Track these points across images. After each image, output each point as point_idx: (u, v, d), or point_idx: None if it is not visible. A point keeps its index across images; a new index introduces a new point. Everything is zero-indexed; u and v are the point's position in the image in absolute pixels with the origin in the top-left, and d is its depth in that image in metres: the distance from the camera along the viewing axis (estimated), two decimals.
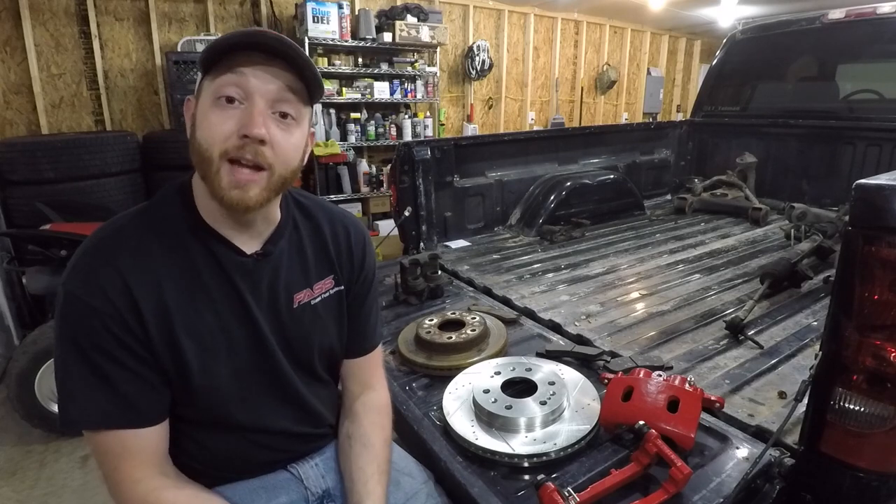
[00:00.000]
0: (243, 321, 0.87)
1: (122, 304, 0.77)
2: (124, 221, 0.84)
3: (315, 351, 0.97)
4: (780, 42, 3.31)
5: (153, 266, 0.80)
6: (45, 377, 2.39)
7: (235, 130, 0.76)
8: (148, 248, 0.81)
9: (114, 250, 0.79)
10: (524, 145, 2.92)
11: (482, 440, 1.05)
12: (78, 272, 0.78)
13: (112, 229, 0.82)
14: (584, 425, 1.07)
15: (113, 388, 0.77)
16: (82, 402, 0.77)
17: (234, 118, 0.77)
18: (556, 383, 1.17)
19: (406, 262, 1.86)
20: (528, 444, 1.03)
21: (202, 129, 0.78)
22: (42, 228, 2.64)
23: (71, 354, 0.77)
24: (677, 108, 8.31)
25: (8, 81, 3.68)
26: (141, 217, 0.84)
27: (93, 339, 0.76)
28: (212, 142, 0.77)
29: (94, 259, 0.79)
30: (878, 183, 0.82)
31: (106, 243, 0.80)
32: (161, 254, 0.81)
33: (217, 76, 0.78)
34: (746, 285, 1.95)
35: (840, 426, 0.90)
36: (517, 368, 1.22)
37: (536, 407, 1.09)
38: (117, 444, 0.78)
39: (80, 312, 0.76)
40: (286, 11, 4.61)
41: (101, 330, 0.76)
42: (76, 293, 0.76)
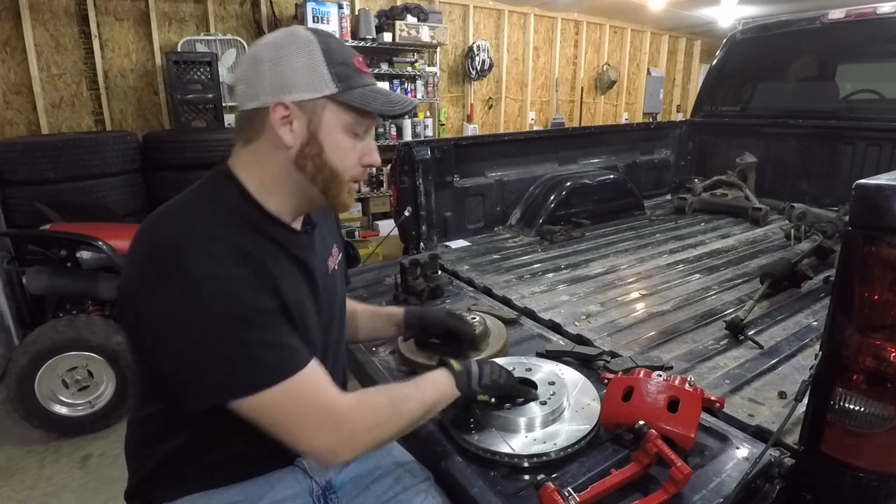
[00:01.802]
0: (313, 291, 0.95)
1: (253, 268, 0.81)
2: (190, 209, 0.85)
3: (344, 310, 1.12)
4: (780, 42, 3.31)
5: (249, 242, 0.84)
6: (45, 377, 2.39)
7: (358, 161, 0.92)
8: (227, 231, 0.83)
9: (207, 228, 0.81)
10: (524, 145, 2.92)
11: (482, 440, 1.04)
12: (194, 253, 0.77)
13: (188, 215, 0.84)
14: (584, 425, 1.07)
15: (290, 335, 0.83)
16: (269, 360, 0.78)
17: (358, 150, 0.91)
18: (556, 383, 1.16)
19: (406, 262, 1.86)
20: (528, 444, 1.03)
21: (336, 157, 0.88)
22: (42, 228, 2.64)
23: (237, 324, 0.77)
24: (677, 108, 8.31)
25: (8, 81, 3.68)
26: (205, 205, 0.86)
27: (250, 303, 0.79)
28: (345, 168, 0.90)
29: (198, 239, 0.79)
30: (878, 183, 0.82)
31: (194, 225, 0.81)
32: (238, 236, 0.83)
33: (356, 114, 0.88)
34: (746, 285, 1.95)
35: (840, 426, 0.90)
36: (517, 368, 1.22)
37: (536, 407, 1.09)
38: (314, 376, 0.81)
39: (228, 285, 0.77)
40: (286, 11, 4.61)
41: (252, 293, 0.79)
42: (208, 270, 0.77)
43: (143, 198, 3.61)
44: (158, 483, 0.92)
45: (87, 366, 2.48)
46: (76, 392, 2.49)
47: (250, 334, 0.78)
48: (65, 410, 2.47)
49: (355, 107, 0.87)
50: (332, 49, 0.86)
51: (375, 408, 0.86)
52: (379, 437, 0.86)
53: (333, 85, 0.85)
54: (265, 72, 0.84)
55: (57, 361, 2.41)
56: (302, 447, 0.81)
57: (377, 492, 1.01)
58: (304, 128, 0.85)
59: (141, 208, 3.57)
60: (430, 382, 0.96)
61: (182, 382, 0.79)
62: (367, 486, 1.02)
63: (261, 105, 0.85)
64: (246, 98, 0.87)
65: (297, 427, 0.80)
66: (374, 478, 1.03)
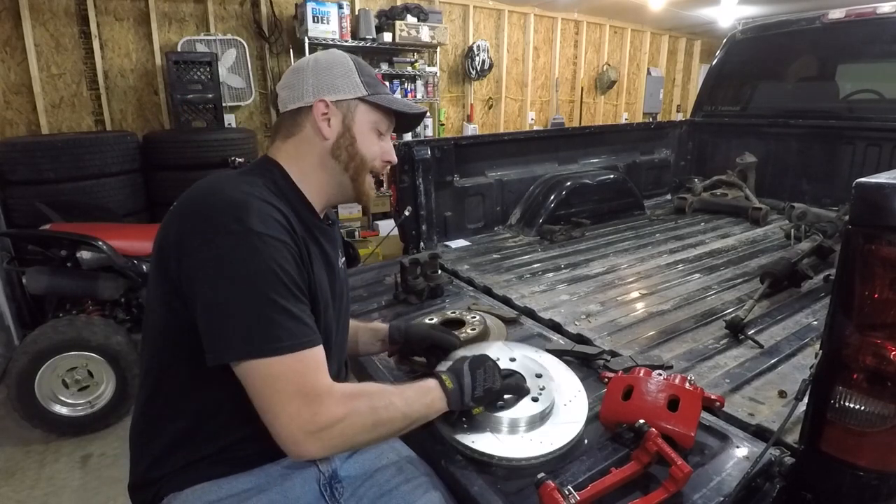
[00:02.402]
0: (331, 281, 1.04)
1: (298, 242, 0.91)
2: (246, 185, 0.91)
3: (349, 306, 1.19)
4: (780, 42, 3.31)
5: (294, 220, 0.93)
6: (45, 377, 2.39)
7: (380, 155, 1.07)
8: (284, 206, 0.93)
9: (265, 201, 0.89)
10: (524, 145, 2.92)
11: (477, 442, 1.02)
12: (256, 217, 0.85)
13: (248, 188, 0.90)
14: (577, 420, 1.07)
15: (307, 314, 0.88)
16: (289, 328, 0.83)
17: (380, 145, 1.07)
18: (542, 375, 1.15)
19: (406, 261, 1.86)
20: (525, 445, 1.01)
21: (366, 148, 1.04)
22: (42, 228, 2.64)
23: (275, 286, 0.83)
24: (677, 108, 8.31)
25: (8, 81, 3.68)
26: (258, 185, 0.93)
27: (291, 272, 0.86)
28: (372, 159, 1.06)
29: (260, 208, 0.87)
30: (878, 182, 0.82)
31: (254, 197, 0.88)
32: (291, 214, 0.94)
33: (382, 114, 1.06)
34: (746, 285, 1.95)
35: (840, 425, 0.90)
36: (501, 359, 1.17)
37: (530, 405, 1.07)
38: (313, 359, 0.85)
39: (279, 249, 0.85)
40: (286, 11, 4.62)
41: (295, 263, 0.88)
42: (267, 233, 0.84)
43: (143, 198, 3.61)
44: (165, 472, 0.92)
45: (87, 366, 2.48)
46: (76, 392, 2.49)
47: (281, 301, 0.83)
48: (65, 410, 2.47)
49: (382, 106, 1.05)
50: (361, 64, 1.06)
51: (355, 413, 0.85)
52: (349, 442, 0.87)
53: (364, 89, 1.03)
54: (308, 77, 1.01)
55: (57, 361, 2.41)
56: (274, 426, 0.81)
57: (380, 481, 1.02)
58: (339, 122, 1.02)
59: (141, 208, 3.57)
60: (421, 395, 0.96)
61: (207, 332, 0.83)
62: (371, 476, 1.03)
63: (304, 104, 1.00)
64: (290, 100, 1.02)
65: (278, 400, 0.81)
66: (378, 468, 1.04)
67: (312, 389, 0.82)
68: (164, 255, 0.88)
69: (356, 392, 0.88)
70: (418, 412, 0.94)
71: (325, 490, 0.98)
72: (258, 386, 0.81)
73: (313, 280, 0.93)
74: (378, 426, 0.88)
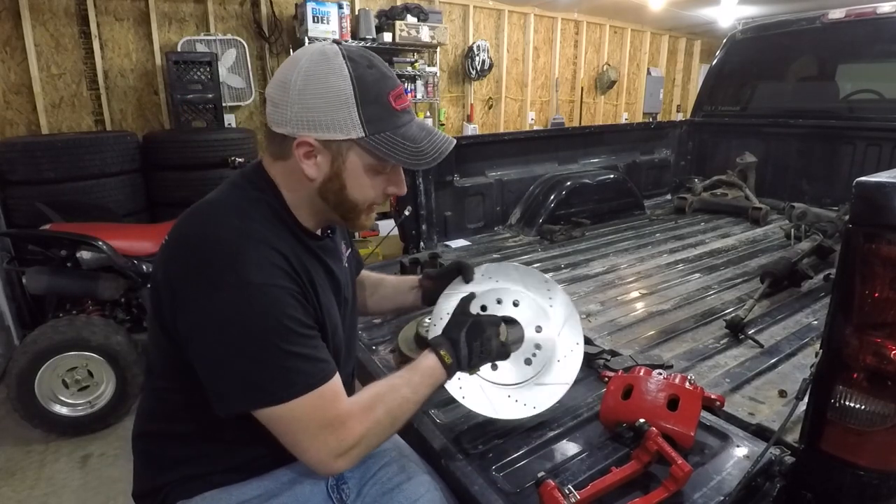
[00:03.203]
0: (337, 294, 0.99)
1: (298, 280, 0.85)
2: (242, 214, 0.85)
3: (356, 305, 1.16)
4: (780, 42, 3.30)
5: (294, 251, 0.87)
6: (45, 377, 2.39)
7: (382, 191, 0.94)
8: (278, 234, 0.87)
9: (261, 237, 0.83)
10: (524, 145, 2.92)
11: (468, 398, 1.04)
12: (248, 264, 0.79)
13: (245, 218, 0.84)
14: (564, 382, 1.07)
15: (322, 350, 0.85)
16: (302, 370, 0.80)
17: (383, 182, 0.93)
18: (542, 329, 1.10)
19: (406, 261, 1.86)
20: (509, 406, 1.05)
21: (358, 191, 0.90)
22: (42, 228, 2.64)
23: (283, 335, 0.79)
24: (677, 108, 8.31)
25: (8, 81, 3.68)
26: (255, 210, 0.87)
27: (296, 317, 0.81)
28: (366, 199, 0.92)
29: (253, 249, 0.81)
30: (878, 181, 0.82)
31: (249, 233, 0.83)
32: (290, 243, 0.88)
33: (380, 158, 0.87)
34: (746, 284, 1.95)
35: (841, 424, 0.90)
36: (504, 302, 1.13)
37: (521, 367, 1.07)
38: (330, 391, 0.83)
39: (281, 298, 0.80)
40: (286, 11, 4.61)
41: (300, 305, 0.83)
42: (261, 281, 0.79)
43: (143, 198, 3.61)
44: (173, 479, 0.92)
45: (87, 366, 2.48)
46: (76, 392, 2.49)
47: (291, 347, 0.80)
48: (65, 410, 2.47)
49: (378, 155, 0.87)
50: (366, 84, 0.83)
51: (375, 424, 0.86)
52: (374, 447, 0.89)
53: (360, 129, 0.84)
54: (293, 102, 0.83)
55: (57, 361, 2.40)
56: (304, 457, 0.83)
57: (383, 479, 1.02)
58: (327, 164, 0.87)
59: (141, 208, 3.57)
60: (426, 378, 0.96)
61: (215, 386, 0.81)
62: (374, 474, 1.03)
63: (287, 133, 0.85)
64: (274, 121, 0.87)
65: (305, 436, 0.81)
66: (380, 465, 1.04)
67: (336, 418, 0.82)
68: (157, 294, 0.85)
69: (372, 402, 0.88)
70: (425, 394, 0.95)
71: (332, 492, 0.98)
72: (282, 428, 0.81)
73: (320, 308, 0.90)
74: (396, 423, 0.90)
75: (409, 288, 1.29)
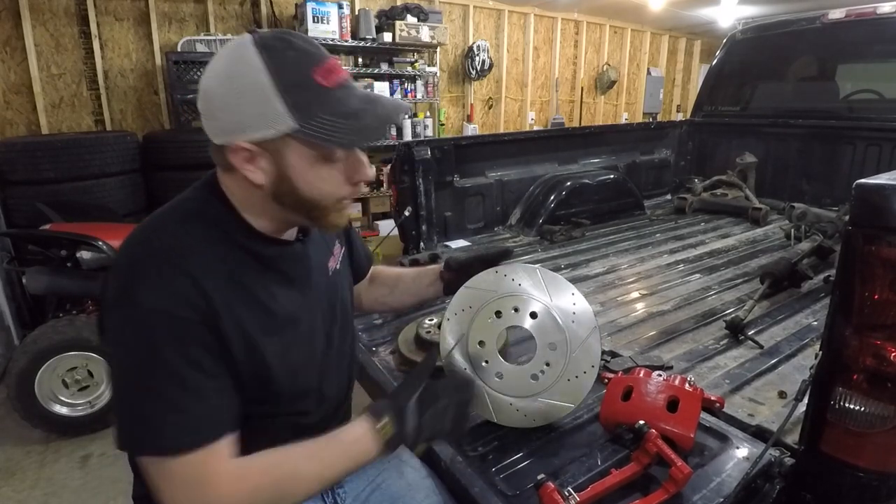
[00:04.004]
0: (306, 305, 0.91)
1: (205, 308, 0.74)
2: (174, 228, 0.80)
3: (349, 312, 1.07)
4: (780, 42, 3.30)
5: (220, 269, 0.78)
6: (45, 377, 2.39)
7: (345, 180, 0.82)
8: (210, 251, 0.78)
9: (179, 256, 0.75)
10: (524, 145, 2.92)
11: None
12: (151, 285, 0.72)
13: (166, 236, 0.78)
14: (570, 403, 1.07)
15: (210, 402, 0.74)
16: (174, 424, 0.72)
17: (340, 168, 0.81)
18: (557, 349, 1.05)
19: (406, 261, 1.86)
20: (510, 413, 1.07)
21: (310, 187, 0.79)
22: (42, 228, 2.64)
23: (163, 374, 0.71)
24: (677, 108, 8.31)
25: (8, 81, 3.68)
26: (191, 223, 0.81)
27: (185, 352, 0.72)
28: (327, 195, 0.81)
29: (163, 269, 0.73)
30: (878, 182, 0.82)
31: (167, 251, 0.76)
32: (222, 257, 0.79)
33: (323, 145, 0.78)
34: (746, 285, 1.95)
35: (840, 426, 0.90)
36: (521, 310, 1.07)
37: (527, 382, 1.06)
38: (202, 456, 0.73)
39: (168, 326, 0.71)
40: (286, 11, 4.61)
41: (193, 341, 0.73)
42: (158, 306, 0.71)
43: (143, 198, 3.61)
44: None
45: (87, 366, 2.49)
46: (76, 392, 2.49)
47: (168, 392, 0.71)
48: (65, 410, 2.47)
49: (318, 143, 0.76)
50: (284, 67, 0.74)
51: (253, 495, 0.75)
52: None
53: (290, 118, 0.73)
54: (217, 111, 0.76)
55: (57, 361, 2.40)
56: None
57: (381, 485, 1.01)
58: (270, 165, 0.77)
59: (141, 208, 3.57)
60: (343, 451, 0.81)
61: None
62: (372, 480, 1.02)
63: (224, 143, 0.77)
64: (211, 133, 0.79)
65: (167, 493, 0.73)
66: (378, 471, 1.03)
67: (203, 477, 0.72)
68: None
69: (254, 471, 0.76)
70: (340, 470, 0.81)
71: (326, 497, 0.98)
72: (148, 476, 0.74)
73: (252, 337, 0.79)
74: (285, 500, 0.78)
75: (430, 281, 1.24)
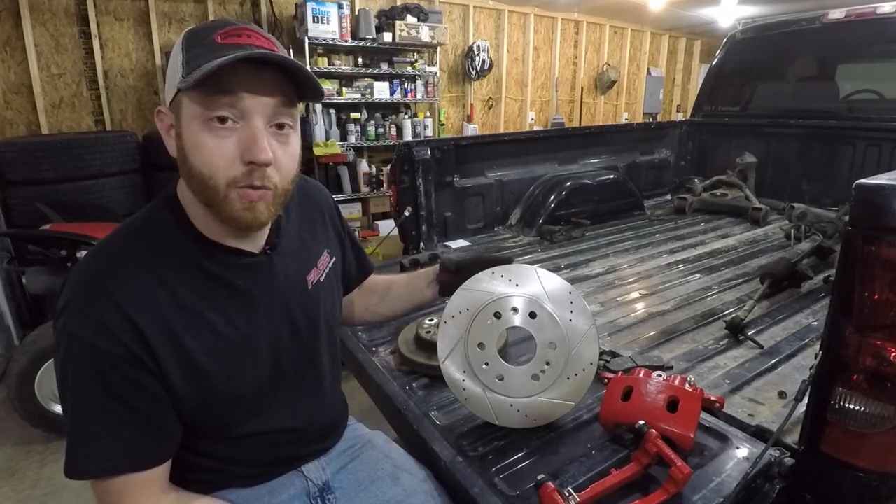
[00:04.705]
0: (266, 321, 0.87)
1: (133, 342, 0.72)
2: (115, 250, 0.79)
3: (332, 325, 1.02)
4: (780, 42, 3.31)
5: (157, 294, 0.76)
6: (45, 377, 2.39)
7: (237, 155, 0.73)
8: (147, 276, 0.76)
9: (111, 285, 0.73)
10: (524, 145, 2.92)
11: (470, 400, 1.06)
12: (79, 315, 0.72)
13: (104, 260, 0.77)
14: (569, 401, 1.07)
15: (123, 433, 0.74)
16: (91, 451, 0.74)
17: (231, 141, 0.72)
18: (557, 347, 1.05)
19: (406, 261, 1.86)
20: (509, 414, 1.06)
21: (198, 156, 0.73)
22: (42, 228, 2.64)
23: (82, 401, 0.73)
24: (677, 108, 8.31)
25: (8, 81, 3.68)
26: (135, 241, 0.79)
27: (103, 381, 0.72)
28: (214, 170, 0.73)
29: (91, 297, 0.73)
30: (878, 183, 0.82)
31: (101, 277, 0.75)
32: (164, 277, 0.77)
33: (204, 95, 0.71)
34: (746, 285, 1.95)
35: (840, 426, 0.90)
36: (520, 311, 1.06)
37: (527, 382, 1.06)
38: (121, 486, 0.75)
39: (88, 355, 0.72)
40: (286, 11, 4.61)
41: (112, 371, 0.72)
42: (80, 335, 0.71)
43: (143, 198, 3.61)
44: None
45: None
46: None
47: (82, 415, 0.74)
48: None
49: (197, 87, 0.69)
50: (195, 34, 0.74)
51: None
52: None
53: (181, 73, 0.71)
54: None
55: None
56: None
57: (376, 493, 0.99)
58: (177, 129, 0.75)
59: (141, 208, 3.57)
60: None
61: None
62: (366, 488, 1.00)
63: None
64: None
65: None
66: (373, 479, 1.01)
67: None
68: None
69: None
70: None
71: (315, 502, 0.96)
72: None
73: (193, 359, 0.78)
74: None
75: (425, 284, 1.21)
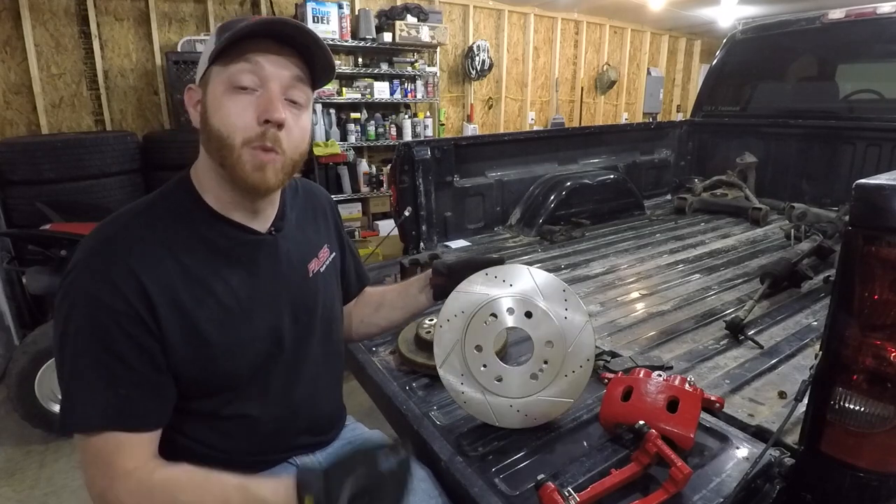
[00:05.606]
0: (268, 299, 0.90)
1: (138, 301, 0.76)
2: (128, 218, 0.83)
3: (332, 317, 1.04)
4: (780, 42, 3.31)
5: (166, 262, 0.80)
6: (45, 377, 2.39)
7: (255, 117, 0.80)
8: (158, 243, 0.81)
9: (123, 248, 0.78)
10: (524, 145, 2.92)
11: (469, 403, 1.07)
12: (88, 270, 0.76)
13: (118, 226, 0.82)
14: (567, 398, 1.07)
15: (119, 390, 0.75)
16: (85, 404, 0.75)
17: (251, 105, 0.80)
18: (555, 345, 1.05)
19: (406, 262, 1.86)
20: (508, 413, 1.06)
21: (219, 118, 0.80)
22: (42, 228, 2.64)
23: (81, 355, 0.75)
24: (677, 108, 8.31)
25: (8, 81, 3.68)
26: (148, 212, 0.85)
27: (106, 337, 0.75)
28: (232, 129, 0.80)
29: (104, 258, 0.77)
30: (878, 183, 0.82)
31: (114, 241, 0.79)
32: (173, 247, 0.81)
33: (229, 64, 0.79)
34: (746, 285, 1.95)
35: (840, 426, 0.90)
36: (516, 311, 1.06)
37: (526, 382, 1.06)
38: (112, 443, 0.75)
39: (94, 310, 0.74)
40: (286, 11, 4.61)
41: (116, 328, 0.75)
42: (89, 290, 0.75)
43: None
44: None
45: None
46: None
47: (91, 370, 0.75)
48: None
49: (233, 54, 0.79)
50: (230, 23, 0.82)
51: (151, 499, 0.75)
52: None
53: (213, 48, 0.80)
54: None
55: None
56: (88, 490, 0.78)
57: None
58: (203, 99, 0.84)
59: None
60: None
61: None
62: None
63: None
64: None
65: (84, 463, 0.77)
66: None
67: (110, 467, 0.74)
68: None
69: (158, 485, 0.75)
70: None
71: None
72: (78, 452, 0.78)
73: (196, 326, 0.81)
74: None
75: (418, 290, 1.19)
